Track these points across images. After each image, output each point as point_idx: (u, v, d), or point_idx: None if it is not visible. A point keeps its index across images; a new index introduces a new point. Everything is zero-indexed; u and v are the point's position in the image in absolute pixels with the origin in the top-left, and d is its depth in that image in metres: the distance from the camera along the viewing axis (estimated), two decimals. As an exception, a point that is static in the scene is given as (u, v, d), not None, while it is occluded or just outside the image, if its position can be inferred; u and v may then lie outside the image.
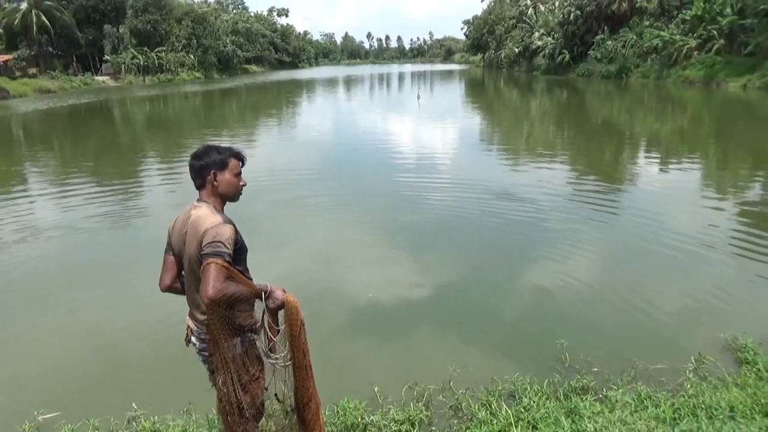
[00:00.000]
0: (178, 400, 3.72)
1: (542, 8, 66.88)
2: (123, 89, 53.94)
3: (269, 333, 2.59)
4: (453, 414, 3.71)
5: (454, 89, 51.02)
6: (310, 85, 58.29)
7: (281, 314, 2.61)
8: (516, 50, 66.57)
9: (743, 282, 6.07)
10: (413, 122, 24.06)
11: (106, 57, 61.78)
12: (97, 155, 17.03)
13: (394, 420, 3.49)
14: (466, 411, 3.70)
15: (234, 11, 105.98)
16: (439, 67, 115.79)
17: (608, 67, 44.98)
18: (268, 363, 2.65)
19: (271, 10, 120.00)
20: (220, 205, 2.54)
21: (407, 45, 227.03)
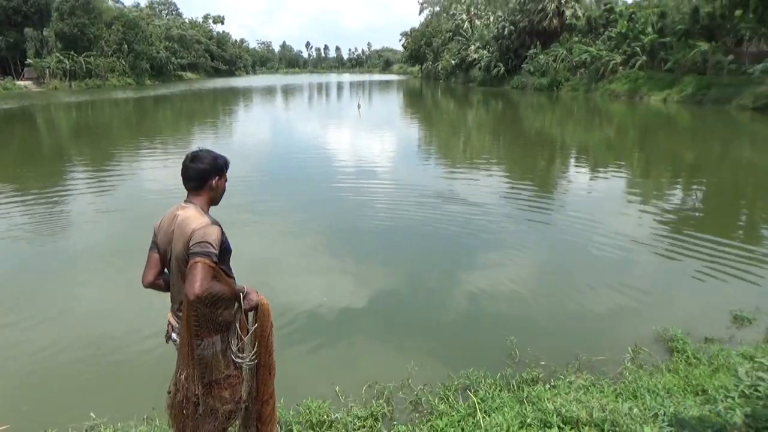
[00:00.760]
0: (141, 407, 3.66)
1: (478, 23, 69.02)
2: (47, 95, 51.31)
3: (240, 333, 2.65)
4: (413, 408, 3.86)
5: (393, 99, 51.72)
6: (248, 94, 57.46)
7: (251, 315, 2.68)
8: (453, 62, 68.21)
9: (669, 278, 6.60)
10: (354, 131, 24.24)
11: (29, 61, 58.61)
12: (18, 164, 16.09)
13: (358, 416, 3.60)
14: (426, 405, 3.85)
15: (167, 17, 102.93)
16: (378, 78, 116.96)
17: (541, 80, 46.93)
18: (236, 362, 2.70)
19: (207, 17, 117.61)
20: (207, 208, 2.63)
21: (346, 55, 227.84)
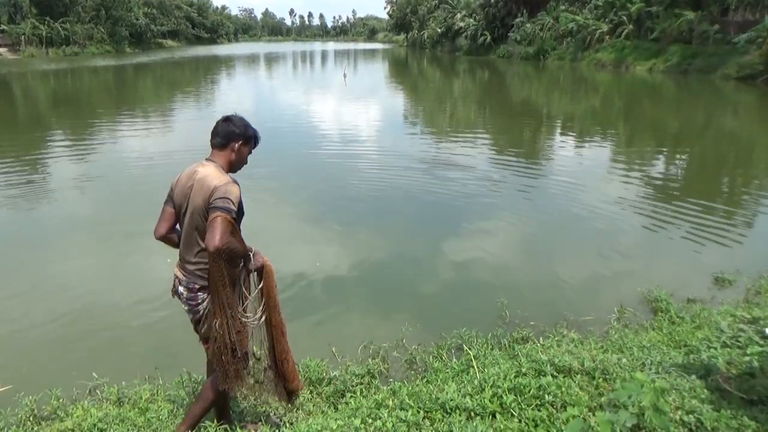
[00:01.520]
0: (142, 367, 3.74)
1: (464, -10, 68.05)
2: (23, 62, 49.98)
3: (245, 292, 2.73)
4: (408, 366, 3.99)
5: (379, 69, 51.19)
6: (230, 62, 56.39)
7: (255, 276, 2.78)
8: (439, 31, 67.44)
9: (653, 243, 6.79)
10: (340, 100, 24.04)
11: (3, 27, 56.77)
12: None
13: (355, 374, 3.71)
14: (420, 363, 3.98)
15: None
16: (363, 46, 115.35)
17: (527, 49, 46.66)
18: (242, 321, 2.77)
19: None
20: (227, 169, 2.69)
21: (330, 23, 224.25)
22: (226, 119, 2.72)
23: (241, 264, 2.65)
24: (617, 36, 37.49)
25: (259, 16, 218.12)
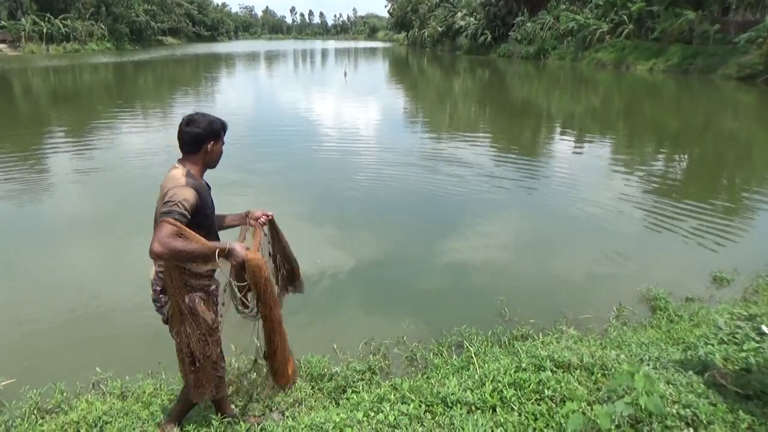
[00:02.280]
0: (145, 362, 3.77)
1: (465, -12, 67.99)
2: (24, 59, 49.97)
3: (234, 289, 2.66)
4: (409, 363, 4.03)
5: (379, 67, 51.21)
6: (230, 60, 56.39)
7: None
8: (439, 29, 67.39)
9: (652, 242, 6.83)
10: (340, 98, 24.07)
11: (3, 23, 56.76)
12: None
13: (356, 370, 3.74)
14: (421, 360, 4.02)
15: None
16: (363, 45, 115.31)
17: (527, 48, 46.67)
18: (239, 317, 2.75)
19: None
20: (201, 171, 2.63)
21: (330, 21, 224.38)
22: (189, 122, 2.58)
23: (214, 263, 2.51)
24: (618, 35, 37.52)
25: (260, 14, 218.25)
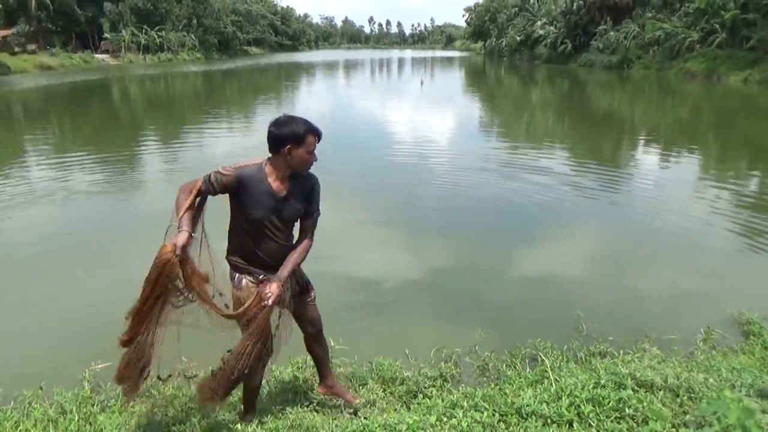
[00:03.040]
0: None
1: (545, -3, 66.67)
2: (123, 68, 53.66)
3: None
4: (481, 373, 3.99)
5: (456, 76, 51.07)
6: (311, 69, 58.08)
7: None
8: (517, 39, 66.33)
9: (743, 261, 6.40)
10: (417, 107, 24.20)
11: (106, 35, 61.31)
12: (97, 133, 16.99)
13: (428, 376, 3.75)
14: (493, 370, 3.97)
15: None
16: (440, 54, 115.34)
17: (610, 58, 45.02)
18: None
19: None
20: (282, 173, 2.65)
21: (408, 31, 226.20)
22: (274, 122, 2.61)
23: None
24: (709, 45, 35.45)
25: (339, 24, 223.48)
